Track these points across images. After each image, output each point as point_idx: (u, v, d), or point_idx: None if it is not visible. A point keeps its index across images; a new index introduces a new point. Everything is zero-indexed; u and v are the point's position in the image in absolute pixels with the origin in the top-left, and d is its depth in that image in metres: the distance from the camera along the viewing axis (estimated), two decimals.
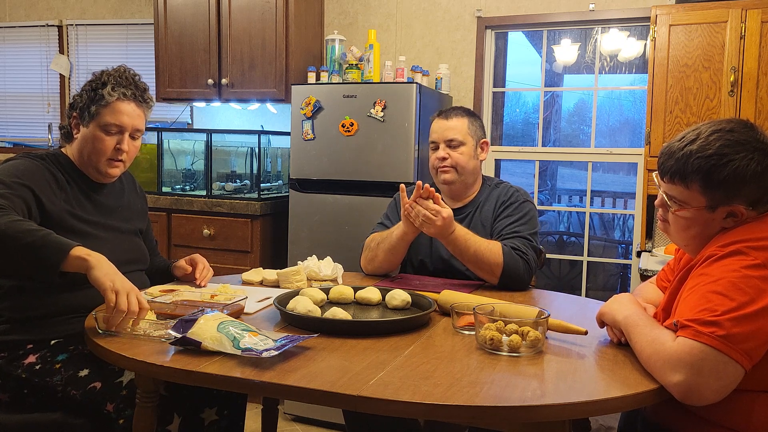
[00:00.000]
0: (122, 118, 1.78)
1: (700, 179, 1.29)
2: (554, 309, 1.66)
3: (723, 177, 1.27)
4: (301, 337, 1.34)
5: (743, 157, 1.26)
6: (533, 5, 3.39)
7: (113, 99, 1.76)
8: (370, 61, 3.28)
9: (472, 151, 2.17)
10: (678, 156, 1.32)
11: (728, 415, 1.25)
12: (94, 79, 1.81)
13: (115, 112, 1.77)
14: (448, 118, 2.18)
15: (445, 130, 2.16)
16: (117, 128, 1.78)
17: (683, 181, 1.31)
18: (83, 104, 1.79)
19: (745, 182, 1.27)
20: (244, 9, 3.47)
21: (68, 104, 1.85)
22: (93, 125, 1.77)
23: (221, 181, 3.50)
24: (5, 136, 4.59)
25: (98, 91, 1.77)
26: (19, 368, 1.64)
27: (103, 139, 1.77)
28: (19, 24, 4.46)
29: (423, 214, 1.89)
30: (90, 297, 1.69)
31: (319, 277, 2.00)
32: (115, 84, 1.77)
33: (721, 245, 1.26)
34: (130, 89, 1.79)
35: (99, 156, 1.79)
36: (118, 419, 1.54)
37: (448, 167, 2.15)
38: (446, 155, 2.14)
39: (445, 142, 2.16)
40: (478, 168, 2.22)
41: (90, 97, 1.78)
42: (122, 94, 1.77)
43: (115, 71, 1.81)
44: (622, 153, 3.43)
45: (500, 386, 1.16)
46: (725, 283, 1.19)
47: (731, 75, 2.69)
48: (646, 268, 2.52)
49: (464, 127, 2.16)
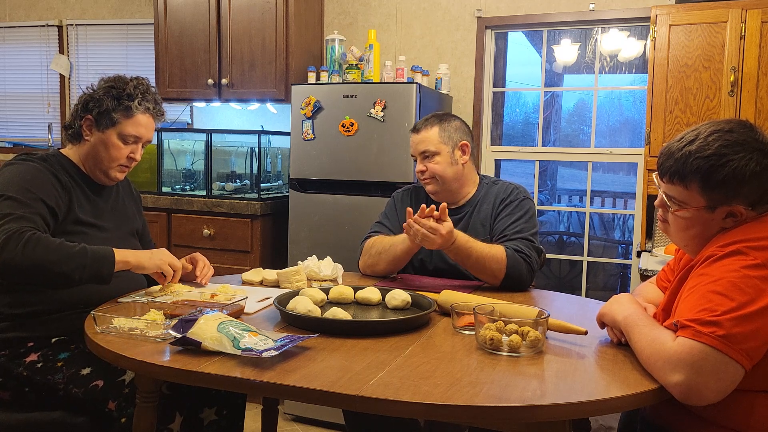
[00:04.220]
0: (141, 131, 1.85)
1: (699, 179, 1.29)
2: (554, 309, 1.66)
3: (722, 177, 1.27)
4: (301, 337, 1.34)
5: (742, 158, 1.26)
6: (533, 5, 3.39)
7: (138, 113, 1.82)
8: (370, 61, 3.28)
9: (449, 158, 2.15)
10: (677, 156, 1.32)
11: (728, 415, 1.25)
12: (116, 86, 1.83)
13: (137, 124, 1.83)
14: (418, 132, 2.18)
15: (417, 144, 2.17)
16: (135, 139, 1.84)
17: (682, 182, 1.31)
18: (104, 109, 1.80)
19: (744, 182, 1.27)
20: (244, 9, 3.47)
21: (78, 104, 1.85)
22: (111, 132, 1.81)
23: (221, 181, 3.49)
24: (5, 136, 4.59)
25: (124, 101, 1.81)
26: (20, 366, 1.64)
27: (120, 147, 1.83)
28: (19, 24, 4.46)
29: (422, 233, 1.89)
30: (89, 293, 1.70)
31: (319, 277, 2.00)
32: (142, 99, 1.83)
33: (721, 245, 1.26)
34: (152, 104, 1.86)
35: (112, 162, 1.83)
36: (120, 418, 1.55)
37: (428, 178, 2.17)
38: (424, 168, 2.16)
39: (420, 155, 2.17)
40: (460, 172, 2.19)
41: (113, 105, 1.80)
42: (147, 109, 1.84)
43: (139, 84, 1.86)
44: (622, 153, 3.43)
45: (500, 386, 1.16)
46: (725, 283, 1.19)
47: (731, 75, 2.69)
48: (646, 268, 2.52)
49: (434, 136, 2.15)
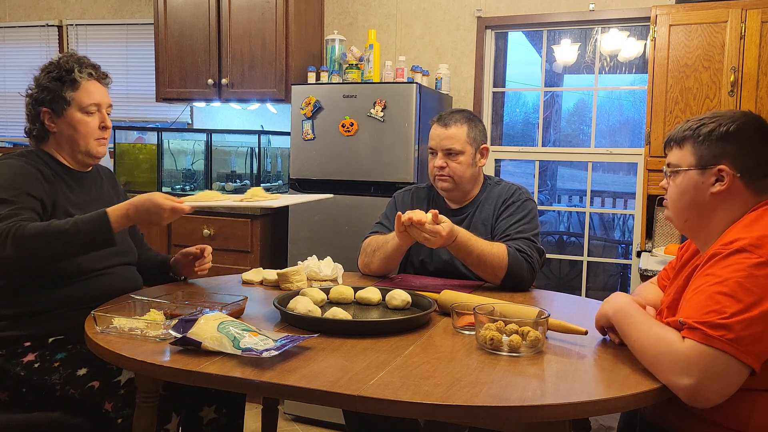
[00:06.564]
0: (96, 97, 1.84)
1: (691, 135, 1.40)
2: (554, 309, 1.66)
3: (708, 130, 1.37)
4: (301, 337, 1.34)
5: (730, 119, 1.37)
6: (533, 5, 3.39)
7: (83, 80, 1.81)
8: (370, 61, 3.28)
9: (470, 159, 2.11)
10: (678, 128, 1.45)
11: (729, 414, 1.25)
12: (51, 69, 1.82)
13: (88, 92, 1.82)
14: (447, 126, 2.10)
15: (444, 139, 2.10)
16: (95, 107, 1.83)
17: (678, 144, 1.42)
18: (53, 95, 1.79)
19: (730, 138, 1.35)
20: (244, 9, 3.47)
21: (28, 105, 1.85)
22: (71, 111, 1.80)
23: (221, 181, 3.49)
24: (5, 136, 4.59)
25: (65, 77, 1.80)
26: (18, 366, 1.64)
27: (86, 121, 1.82)
28: (19, 24, 4.46)
29: (422, 236, 1.88)
30: (86, 290, 1.69)
31: (319, 277, 2.00)
32: (80, 67, 1.82)
33: (725, 243, 1.26)
34: (91, 68, 1.86)
35: (87, 138, 1.82)
36: (117, 418, 1.55)
37: (446, 176, 2.11)
38: (444, 164, 2.09)
39: (443, 151, 2.10)
40: (476, 174, 2.17)
41: (58, 86, 1.79)
42: (89, 75, 1.84)
43: (70, 57, 1.85)
44: (622, 153, 3.43)
45: (500, 386, 1.16)
46: (732, 284, 1.19)
47: (731, 75, 2.69)
48: (646, 268, 2.52)
49: (464, 135, 2.10)
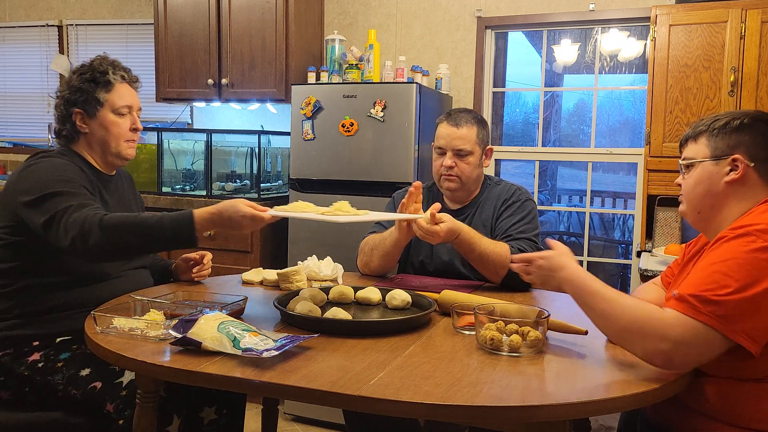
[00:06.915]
0: (128, 99, 1.86)
1: (706, 130, 1.43)
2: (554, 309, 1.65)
3: (723, 123, 1.41)
4: (301, 337, 1.34)
5: (743, 114, 1.42)
6: (533, 5, 3.39)
7: (117, 82, 1.83)
8: (370, 61, 3.28)
9: (478, 160, 2.12)
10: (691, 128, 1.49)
11: (732, 410, 1.26)
12: (84, 71, 1.83)
13: (121, 94, 1.84)
14: (458, 126, 2.09)
15: (455, 139, 2.09)
16: (127, 108, 1.85)
17: (694, 139, 1.45)
18: (87, 96, 1.80)
19: (744, 129, 1.38)
20: (244, 9, 3.47)
21: (59, 106, 1.83)
22: (104, 112, 1.81)
23: (221, 181, 3.49)
24: (5, 136, 4.60)
25: (99, 78, 1.81)
26: (22, 365, 1.65)
27: (119, 123, 1.83)
28: (19, 24, 4.46)
29: (420, 235, 1.90)
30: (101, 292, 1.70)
31: (319, 277, 2.00)
32: (114, 69, 1.84)
33: (732, 228, 1.28)
34: (124, 71, 1.87)
35: (119, 139, 1.84)
36: (118, 419, 1.55)
37: (453, 176, 2.11)
38: (453, 164, 2.09)
39: (453, 151, 2.09)
40: (480, 175, 2.19)
41: (92, 87, 1.80)
42: (122, 77, 1.85)
43: (103, 60, 1.86)
44: (622, 153, 3.43)
45: (500, 386, 1.16)
46: (732, 264, 1.21)
47: (731, 75, 2.69)
48: (646, 268, 2.52)
49: (474, 136, 2.10)
